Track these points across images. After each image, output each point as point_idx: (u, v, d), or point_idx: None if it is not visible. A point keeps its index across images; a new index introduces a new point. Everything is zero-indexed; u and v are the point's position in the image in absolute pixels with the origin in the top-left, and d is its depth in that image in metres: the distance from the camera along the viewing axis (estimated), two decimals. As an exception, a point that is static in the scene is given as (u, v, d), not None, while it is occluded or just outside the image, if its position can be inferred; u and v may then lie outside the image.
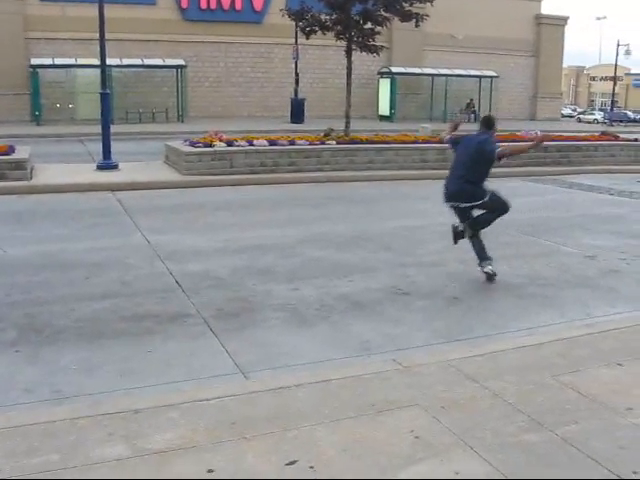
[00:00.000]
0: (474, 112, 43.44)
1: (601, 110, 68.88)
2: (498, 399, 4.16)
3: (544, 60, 48.93)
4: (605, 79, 77.99)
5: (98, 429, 3.72)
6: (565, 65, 61.13)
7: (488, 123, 7.95)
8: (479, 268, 7.52)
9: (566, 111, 67.58)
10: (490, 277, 7.48)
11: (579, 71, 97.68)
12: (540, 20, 48.98)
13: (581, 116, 64.59)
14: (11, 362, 5.09)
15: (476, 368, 4.64)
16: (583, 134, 23.47)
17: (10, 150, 14.39)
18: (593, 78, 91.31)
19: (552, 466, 3.43)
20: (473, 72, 43.68)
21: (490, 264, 7.49)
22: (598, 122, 56.49)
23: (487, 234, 9.80)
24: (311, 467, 3.39)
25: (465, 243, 9.31)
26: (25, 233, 9.58)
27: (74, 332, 5.71)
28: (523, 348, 5.10)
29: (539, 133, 20.00)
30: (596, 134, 22.45)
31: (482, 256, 7.54)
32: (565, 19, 51.04)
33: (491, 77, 43.74)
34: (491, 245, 9.20)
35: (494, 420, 3.89)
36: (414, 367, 4.66)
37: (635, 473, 3.36)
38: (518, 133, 20.21)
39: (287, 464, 3.41)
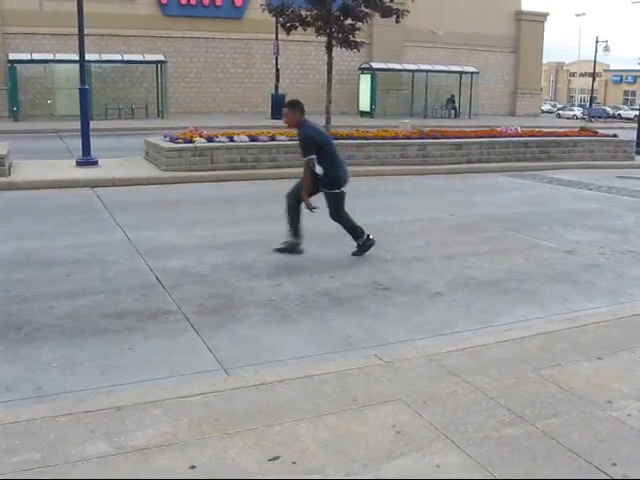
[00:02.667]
0: (455, 108, 43.62)
1: (580, 106, 69.41)
2: (480, 393, 4.18)
3: (524, 56, 49.23)
4: (584, 75, 78.58)
5: (80, 427, 3.70)
6: (545, 61, 61.59)
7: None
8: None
9: (546, 107, 68.09)
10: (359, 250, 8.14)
11: (559, 67, 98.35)
12: (520, 16, 49.25)
13: (561, 112, 65.12)
14: (-10, 360, 5.05)
15: (458, 362, 4.66)
16: (563, 130, 23.63)
17: (-12, 146, 14.26)
18: (572, 74, 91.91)
19: (533, 459, 3.45)
20: (453, 68, 43.86)
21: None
22: (577, 118, 57.00)
23: (470, 230, 9.90)
24: (294, 462, 3.39)
25: (450, 239, 9.37)
26: (4, 230, 9.48)
27: (55, 329, 5.67)
28: (504, 342, 5.13)
29: (519, 129, 20.17)
30: (575, 130, 22.61)
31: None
32: (545, 15, 51.38)
33: (471, 73, 43.90)
34: (473, 240, 9.30)
35: (476, 414, 3.91)
36: (396, 362, 4.68)
37: (614, 465, 3.39)
38: (498, 129, 20.32)
39: (270, 460, 3.41)
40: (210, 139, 15.57)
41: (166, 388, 4.40)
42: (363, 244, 8.21)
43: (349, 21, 18.40)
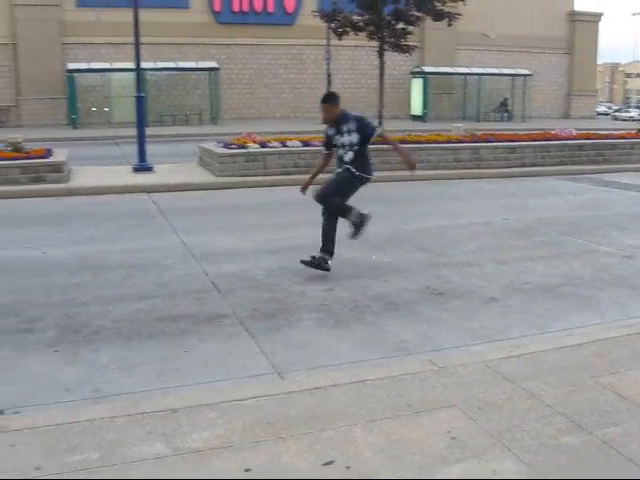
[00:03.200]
0: (508, 111, 43.12)
1: (637, 107, 67.88)
2: (536, 400, 4.12)
3: (578, 57, 48.41)
4: (641, 76, 76.87)
5: (137, 428, 3.76)
6: (599, 62, 60.45)
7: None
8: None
9: (601, 109, 66.74)
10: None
11: (614, 68, 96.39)
12: (573, 17, 48.46)
13: (616, 114, 63.74)
14: (51, 362, 5.17)
15: (514, 369, 4.60)
16: (619, 132, 23.12)
17: (48, 153, 14.63)
18: (629, 75, 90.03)
19: (591, 468, 3.39)
20: (506, 71, 43.38)
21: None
22: (634, 120, 55.69)
23: (525, 234, 9.77)
24: (348, 467, 3.39)
25: (504, 243, 9.27)
26: (63, 235, 9.72)
27: (112, 332, 5.78)
28: (561, 349, 5.04)
29: (574, 132, 19.83)
30: (632, 132, 22.10)
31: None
32: (599, 15, 50.47)
33: (524, 75, 43.38)
34: (528, 244, 9.17)
35: (532, 421, 3.85)
36: (451, 367, 4.64)
37: (677, 475, 3.31)
38: (552, 131, 20.01)
39: (324, 464, 3.42)
40: (263, 144, 15.69)
41: (221, 391, 4.44)
42: (318, 260, 7.57)
43: (401, 25, 18.40)
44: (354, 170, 7.53)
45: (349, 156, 7.56)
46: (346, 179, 7.62)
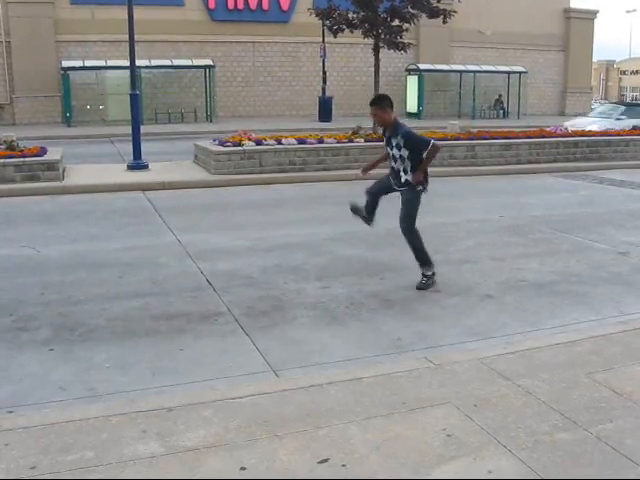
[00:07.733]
0: (503, 108, 43.11)
1: (632, 104, 67.86)
2: (531, 397, 4.12)
3: (573, 55, 48.36)
4: (636, 73, 76.90)
5: (132, 426, 3.75)
6: (595, 59, 60.35)
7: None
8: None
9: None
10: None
11: (609, 65, 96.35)
12: (569, 14, 48.38)
13: (612, 111, 63.69)
14: (46, 360, 5.16)
15: (509, 366, 4.60)
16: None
17: (42, 151, 14.57)
18: (623, 72, 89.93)
19: (587, 465, 3.39)
20: (501, 68, 43.32)
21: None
22: (629, 117, 55.65)
23: (520, 232, 9.77)
24: (343, 465, 3.39)
25: (500, 240, 9.27)
26: (57, 233, 9.69)
27: (107, 331, 5.77)
28: (556, 346, 5.05)
29: (569, 129, 19.85)
30: (627, 129, 22.12)
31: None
32: (594, 13, 50.40)
33: (520, 73, 43.32)
34: (524, 242, 9.17)
35: (527, 418, 3.85)
36: (446, 365, 4.64)
37: (672, 472, 3.31)
38: (547, 129, 20.03)
39: (319, 462, 3.41)
40: (258, 142, 15.67)
41: (216, 389, 4.43)
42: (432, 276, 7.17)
43: (396, 22, 18.35)
44: (419, 188, 7.40)
45: (405, 178, 7.38)
46: (413, 199, 7.47)
